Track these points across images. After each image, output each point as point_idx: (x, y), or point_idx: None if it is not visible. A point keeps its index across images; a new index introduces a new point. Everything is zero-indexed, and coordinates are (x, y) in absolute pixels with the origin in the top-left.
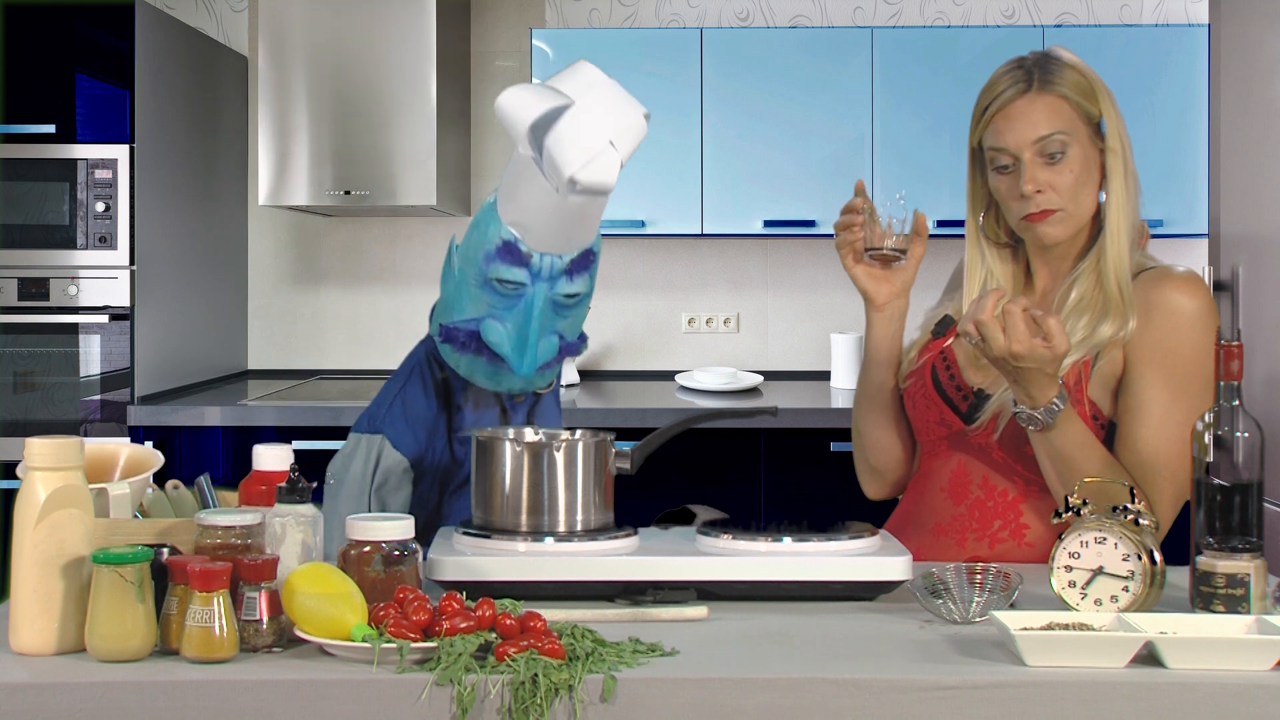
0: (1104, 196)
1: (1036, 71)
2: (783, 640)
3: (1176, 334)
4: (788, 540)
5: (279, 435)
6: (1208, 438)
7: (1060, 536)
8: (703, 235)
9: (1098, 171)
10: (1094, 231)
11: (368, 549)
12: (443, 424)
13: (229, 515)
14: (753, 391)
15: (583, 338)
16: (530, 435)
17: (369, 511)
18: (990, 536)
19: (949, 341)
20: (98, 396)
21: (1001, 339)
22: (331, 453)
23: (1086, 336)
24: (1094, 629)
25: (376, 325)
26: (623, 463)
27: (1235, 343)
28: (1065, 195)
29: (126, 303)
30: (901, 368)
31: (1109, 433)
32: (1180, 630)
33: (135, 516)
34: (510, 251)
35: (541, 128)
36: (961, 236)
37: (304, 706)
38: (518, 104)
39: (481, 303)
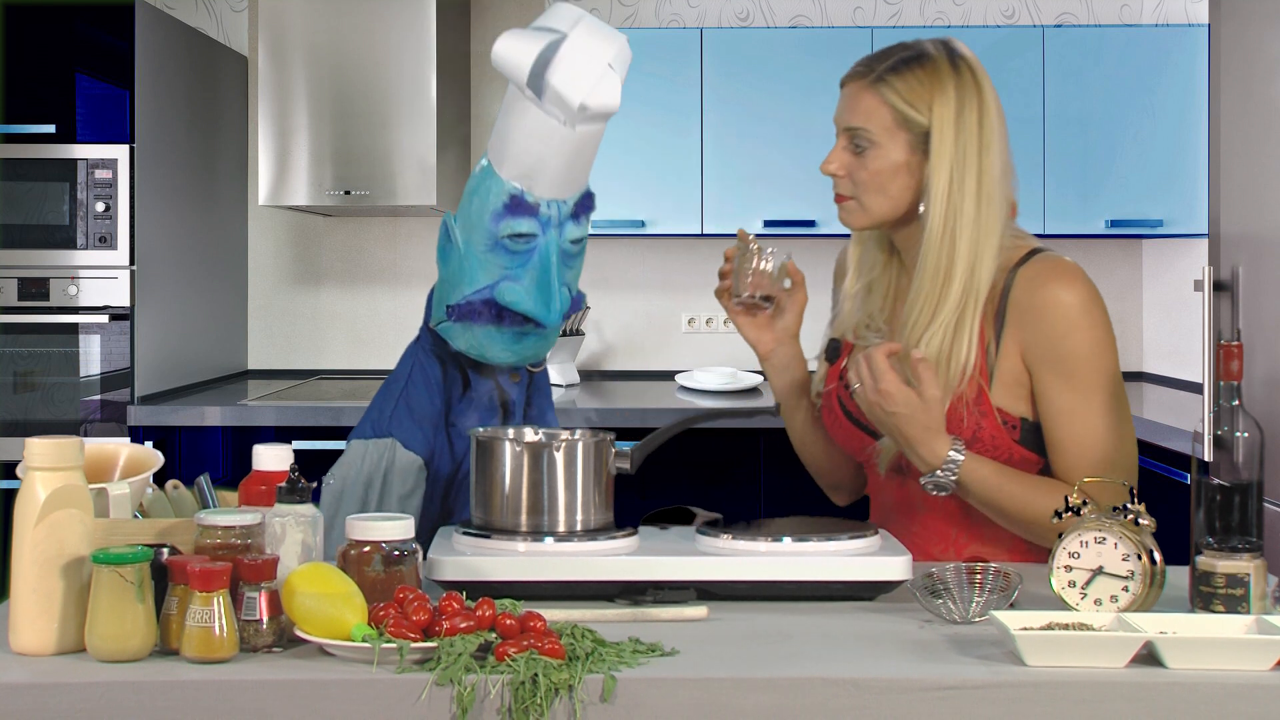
0: (922, 209)
1: (882, 64)
2: (783, 640)
3: (1067, 334)
4: (788, 540)
5: (279, 435)
6: (1207, 437)
7: (1060, 536)
8: (703, 235)
9: (919, 179)
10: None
11: (368, 549)
12: (444, 421)
13: (229, 515)
14: (753, 391)
15: (580, 295)
16: (530, 435)
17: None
18: (954, 546)
19: (845, 365)
20: (98, 396)
21: (869, 380)
22: (332, 453)
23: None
24: (1094, 629)
25: (376, 325)
26: (623, 463)
27: (1235, 343)
28: (861, 188)
29: (126, 303)
30: (812, 395)
31: (1025, 431)
32: (1180, 630)
33: (135, 516)
34: (518, 204)
35: (541, 65)
36: None
37: (304, 706)
38: (514, 47)
39: (493, 267)
